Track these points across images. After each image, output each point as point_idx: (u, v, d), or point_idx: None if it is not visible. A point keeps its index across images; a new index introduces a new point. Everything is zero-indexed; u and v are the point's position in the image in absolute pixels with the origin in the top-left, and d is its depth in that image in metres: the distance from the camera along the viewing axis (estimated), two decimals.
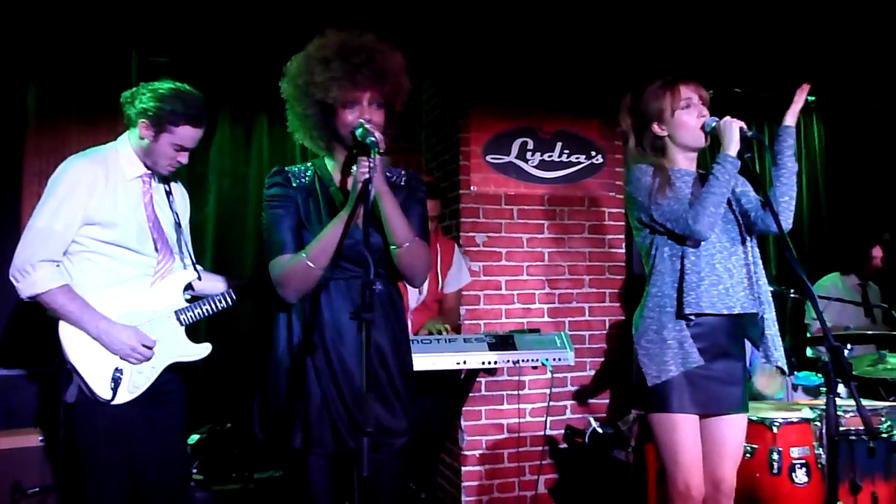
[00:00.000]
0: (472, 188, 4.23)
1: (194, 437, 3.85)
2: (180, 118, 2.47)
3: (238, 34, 4.24)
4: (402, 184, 2.30)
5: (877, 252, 5.02)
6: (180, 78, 2.63)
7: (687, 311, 2.39)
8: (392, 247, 2.15)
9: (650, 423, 2.50)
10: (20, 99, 4.04)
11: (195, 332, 2.69)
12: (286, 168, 2.26)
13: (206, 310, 2.63)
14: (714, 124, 2.45)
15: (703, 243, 2.44)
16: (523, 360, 3.18)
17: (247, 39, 4.28)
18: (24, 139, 4.01)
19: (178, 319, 2.58)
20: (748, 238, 2.53)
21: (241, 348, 4.37)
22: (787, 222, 2.47)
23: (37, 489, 3.17)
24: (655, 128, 2.55)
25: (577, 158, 4.41)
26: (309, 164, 2.29)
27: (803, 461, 3.16)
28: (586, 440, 3.92)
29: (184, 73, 4.24)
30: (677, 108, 2.50)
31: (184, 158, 2.56)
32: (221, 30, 4.21)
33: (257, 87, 4.55)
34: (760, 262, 2.55)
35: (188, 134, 2.51)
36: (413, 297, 3.54)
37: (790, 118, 2.50)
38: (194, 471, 3.62)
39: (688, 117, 2.50)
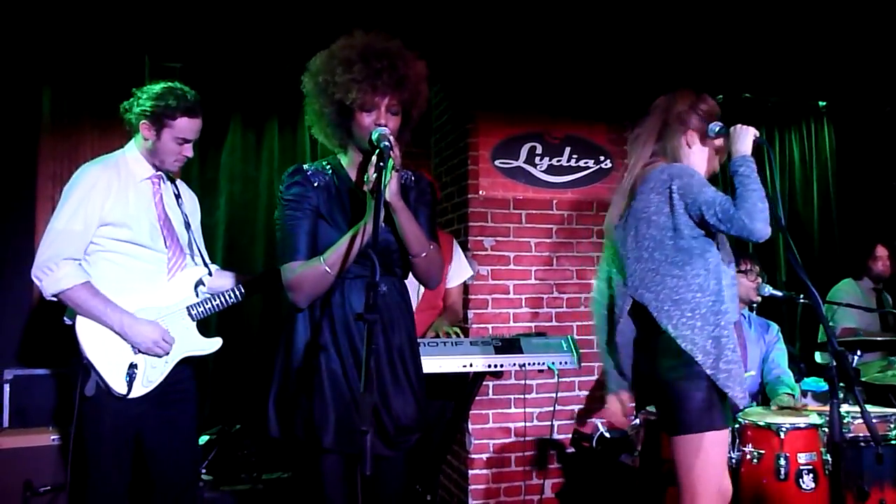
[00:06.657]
0: (480, 192, 4.24)
1: (204, 438, 3.88)
2: (177, 111, 2.59)
3: (249, 40, 4.29)
4: (411, 185, 2.30)
5: (881, 251, 4.87)
6: (192, 83, 2.71)
7: (730, 319, 2.34)
8: (410, 256, 2.16)
9: (694, 442, 2.30)
10: (35, 103, 4.10)
11: (206, 329, 2.74)
12: (304, 167, 2.21)
13: (217, 304, 2.71)
14: (717, 129, 2.45)
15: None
16: (529, 364, 3.17)
17: (258, 45, 4.33)
18: (38, 143, 4.07)
19: (190, 314, 2.67)
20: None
21: (251, 350, 4.42)
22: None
23: (48, 487, 3.21)
24: (683, 140, 2.50)
25: (585, 163, 4.41)
26: (324, 161, 2.26)
27: (810, 467, 3.13)
28: (594, 444, 3.92)
29: (196, 78, 4.29)
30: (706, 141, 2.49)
31: (188, 152, 2.67)
32: (233, 35, 4.26)
33: (268, 92, 4.62)
34: None
35: (187, 125, 2.62)
36: (412, 294, 3.53)
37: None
38: (203, 471, 3.65)
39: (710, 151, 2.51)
